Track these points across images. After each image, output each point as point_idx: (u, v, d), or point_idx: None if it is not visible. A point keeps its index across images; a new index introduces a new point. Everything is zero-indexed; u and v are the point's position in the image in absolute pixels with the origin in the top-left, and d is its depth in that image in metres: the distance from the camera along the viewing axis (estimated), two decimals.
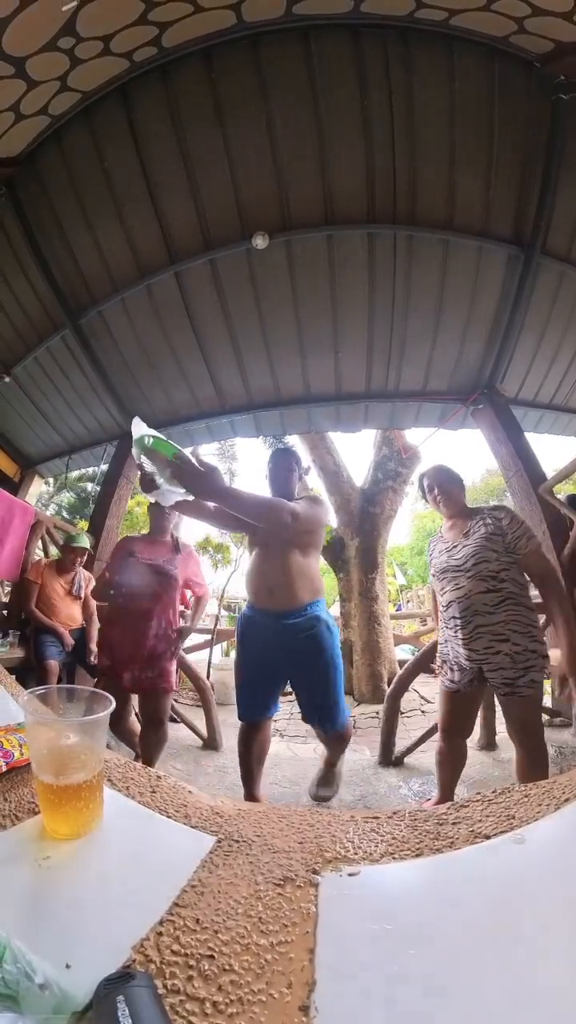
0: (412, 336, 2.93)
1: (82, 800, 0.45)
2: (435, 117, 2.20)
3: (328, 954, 0.33)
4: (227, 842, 0.47)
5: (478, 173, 2.36)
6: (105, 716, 0.48)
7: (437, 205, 2.46)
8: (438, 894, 0.39)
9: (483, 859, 0.42)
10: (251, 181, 2.42)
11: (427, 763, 2.25)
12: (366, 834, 0.49)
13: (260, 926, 0.36)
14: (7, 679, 0.88)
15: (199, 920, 0.36)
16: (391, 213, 2.47)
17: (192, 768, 2.25)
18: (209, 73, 2.11)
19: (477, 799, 0.54)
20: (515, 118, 2.21)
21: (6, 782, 0.52)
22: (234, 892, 0.39)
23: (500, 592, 1.37)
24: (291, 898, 0.39)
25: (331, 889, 0.40)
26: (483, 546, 1.40)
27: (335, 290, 2.75)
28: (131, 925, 0.34)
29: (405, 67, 2.09)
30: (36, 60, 1.82)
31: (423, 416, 3.47)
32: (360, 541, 4.69)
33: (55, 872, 0.39)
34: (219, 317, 2.91)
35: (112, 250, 2.74)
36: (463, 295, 2.75)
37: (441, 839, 0.46)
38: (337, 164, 2.35)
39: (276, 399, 3.36)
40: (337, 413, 3.47)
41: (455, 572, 1.46)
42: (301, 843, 0.47)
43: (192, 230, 2.60)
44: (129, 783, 0.57)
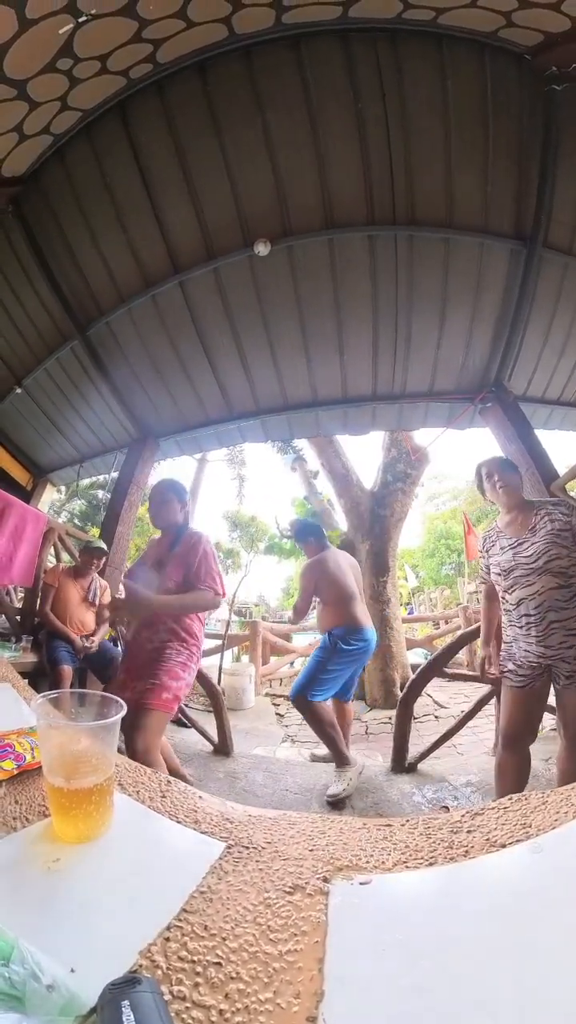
0: (417, 336, 2.93)
1: (92, 804, 0.45)
2: (429, 116, 2.22)
3: (338, 964, 0.32)
4: (237, 848, 0.46)
5: (475, 170, 2.35)
6: (116, 720, 0.49)
7: (436, 204, 2.46)
8: (452, 905, 0.38)
9: (499, 869, 0.41)
10: (251, 189, 2.46)
11: (441, 769, 2.21)
12: (378, 842, 0.48)
13: (269, 934, 0.35)
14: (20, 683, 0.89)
15: (207, 927, 0.35)
16: (390, 214, 2.48)
17: (203, 773, 2.25)
18: (204, 86, 2.17)
19: (492, 806, 0.52)
20: (509, 112, 2.21)
21: (17, 785, 0.53)
22: (243, 899, 0.39)
23: (571, 587, 1.36)
24: (301, 906, 0.38)
25: (342, 898, 0.39)
26: (553, 542, 1.37)
27: (338, 293, 2.76)
28: (138, 930, 0.34)
29: (396, 69, 2.11)
30: (37, 82, 1.90)
31: (431, 416, 3.45)
32: (371, 544, 4.66)
33: (64, 875, 0.39)
34: (224, 324, 2.96)
35: (117, 262, 2.82)
36: (467, 293, 2.74)
37: (455, 848, 0.45)
38: (335, 168, 2.37)
39: (283, 404, 3.38)
40: (344, 416, 3.48)
41: (525, 569, 1.40)
42: (312, 850, 0.47)
43: (195, 240, 2.65)
44: (139, 787, 0.57)
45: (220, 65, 2.11)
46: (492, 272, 2.66)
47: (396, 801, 1.94)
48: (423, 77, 2.12)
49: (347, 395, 3.29)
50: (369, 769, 2.24)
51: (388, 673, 4.23)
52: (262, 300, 2.83)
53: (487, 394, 3.06)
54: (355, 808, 1.87)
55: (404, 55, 2.07)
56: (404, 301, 2.76)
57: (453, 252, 2.60)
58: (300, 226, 2.54)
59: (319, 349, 3.04)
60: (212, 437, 3.77)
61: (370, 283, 2.71)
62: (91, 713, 0.53)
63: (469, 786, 2.00)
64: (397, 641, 4.42)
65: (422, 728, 3.02)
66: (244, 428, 3.62)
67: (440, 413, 3.39)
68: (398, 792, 2.01)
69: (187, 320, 2.96)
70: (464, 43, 2.03)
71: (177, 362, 3.20)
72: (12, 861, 0.40)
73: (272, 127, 2.26)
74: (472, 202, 2.45)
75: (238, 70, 2.12)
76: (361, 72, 2.11)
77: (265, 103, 2.20)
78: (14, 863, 0.40)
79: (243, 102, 2.20)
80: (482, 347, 2.97)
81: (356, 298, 2.78)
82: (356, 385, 3.23)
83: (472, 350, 2.99)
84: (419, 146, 2.29)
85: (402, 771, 2.21)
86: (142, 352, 3.20)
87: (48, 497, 4.82)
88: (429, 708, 3.56)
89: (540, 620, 1.37)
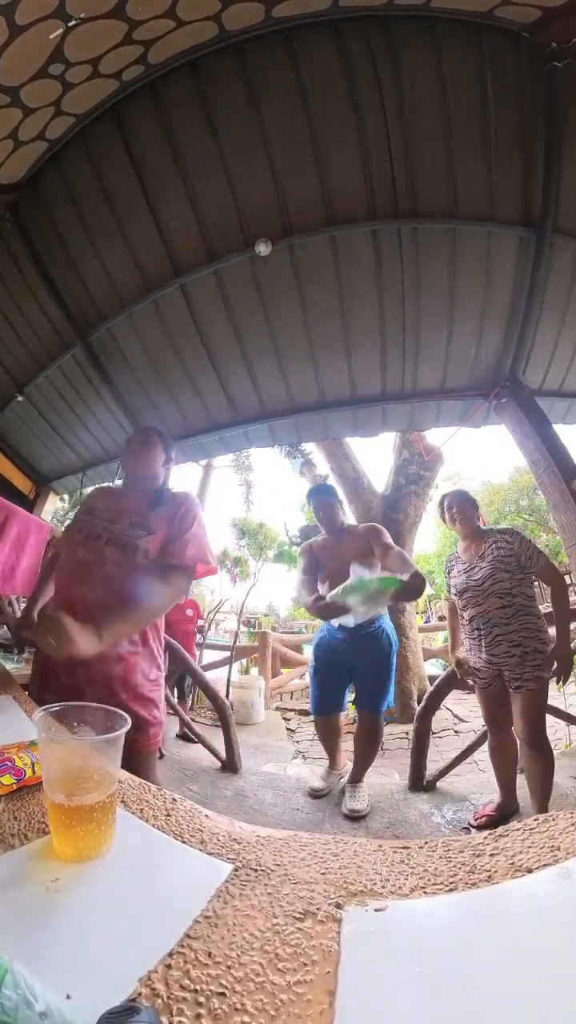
0: (426, 332, 2.91)
1: (94, 822, 0.45)
2: (427, 104, 2.21)
3: (350, 997, 0.31)
4: (244, 871, 0.46)
5: (478, 156, 2.34)
6: (120, 735, 0.49)
7: (439, 194, 2.45)
8: (474, 934, 0.36)
9: (525, 895, 0.40)
10: (249, 188, 2.49)
11: (462, 788, 2.16)
12: (395, 865, 0.46)
13: (277, 963, 0.34)
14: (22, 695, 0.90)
15: (211, 953, 0.35)
16: (393, 208, 2.48)
17: (209, 791, 2.23)
18: (197, 86, 2.21)
19: (517, 828, 0.51)
20: (510, 94, 2.19)
21: (17, 800, 0.53)
22: (250, 925, 0.38)
23: (512, 606, 1.69)
24: (311, 934, 0.37)
25: (356, 925, 0.38)
26: (497, 567, 1.71)
27: (343, 291, 2.77)
28: (139, 955, 0.34)
29: (391, 57, 2.11)
30: (29, 88, 1.96)
31: (443, 415, 3.42)
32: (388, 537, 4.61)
33: (63, 896, 0.39)
34: (227, 327, 2.99)
35: (117, 267, 2.88)
36: (475, 284, 2.71)
37: (477, 872, 0.44)
38: (333, 163, 2.39)
39: (290, 406, 3.39)
40: (353, 417, 3.47)
41: (475, 591, 1.75)
42: (324, 874, 0.46)
43: (194, 242, 2.69)
44: (143, 805, 0.57)
45: (212, 63, 2.15)
46: (501, 262, 2.63)
47: (414, 822, 1.90)
48: (418, 64, 2.13)
49: (355, 396, 3.29)
50: (385, 788, 2.20)
51: (404, 685, 4.16)
52: (265, 301, 2.86)
53: (501, 389, 3.02)
54: (370, 829, 1.83)
55: (398, 42, 2.08)
56: (411, 296, 2.75)
57: (459, 243, 2.58)
58: (301, 224, 2.56)
59: (325, 349, 3.05)
60: (217, 442, 3.79)
61: (375, 279, 2.72)
62: (94, 727, 0.53)
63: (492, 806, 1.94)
64: (413, 651, 4.35)
65: (441, 743, 2.96)
66: (250, 432, 3.64)
67: (453, 411, 3.36)
68: (416, 812, 1.97)
69: (189, 323, 3.01)
70: (459, 25, 2.03)
71: (180, 366, 3.25)
72: (9, 880, 0.40)
73: (268, 124, 2.29)
74: (476, 190, 2.43)
75: (231, 68, 2.16)
76: (355, 63, 2.13)
77: (260, 100, 2.24)
78: (11, 882, 0.40)
79: (237, 100, 2.24)
80: (494, 340, 2.94)
81: (361, 295, 2.78)
82: (365, 385, 3.23)
83: (484, 344, 2.96)
84: (418, 135, 2.29)
85: (420, 789, 2.16)
86: (144, 357, 3.26)
87: (51, 506, 4.90)
88: (448, 722, 3.48)
89: (487, 633, 1.72)
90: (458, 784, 2.20)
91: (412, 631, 4.48)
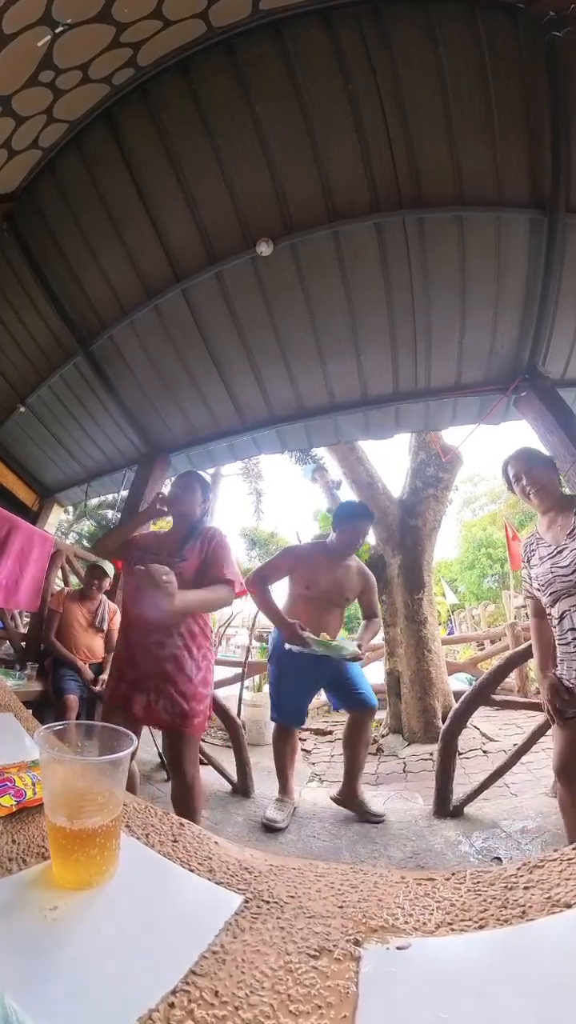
0: (438, 326, 2.90)
1: (96, 847, 0.44)
2: (425, 88, 2.23)
3: None
4: (256, 902, 0.45)
5: (481, 138, 2.33)
6: (126, 755, 0.49)
7: (443, 181, 2.45)
8: (506, 976, 0.35)
9: (562, 934, 0.38)
10: (247, 187, 2.55)
11: (491, 814, 2.08)
12: (419, 899, 0.45)
13: (289, 1005, 0.33)
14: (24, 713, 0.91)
15: (218, 993, 0.34)
16: (396, 198, 2.49)
17: (220, 816, 2.21)
18: (189, 85, 2.28)
19: (554, 858, 0.48)
20: (510, 70, 2.19)
21: (16, 822, 0.53)
22: (261, 962, 0.37)
23: None
24: (327, 973, 0.36)
25: (375, 965, 0.37)
26: None
27: (349, 288, 2.80)
28: (140, 993, 0.33)
29: (384, 43, 2.14)
30: (20, 96, 2.05)
31: (460, 413, 3.39)
32: (402, 558, 4.56)
33: (61, 925, 0.38)
34: (231, 330, 3.04)
35: (117, 273, 2.97)
36: (487, 273, 2.69)
37: (510, 907, 0.42)
38: (332, 156, 2.42)
39: (299, 411, 3.41)
40: (366, 419, 3.47)
41: (563, 581, 1.33)
42: (341, 907, 0.44)
43: (194, 245, 2.76)
44: (149, 830, 0.56)
45: (202, 62, 2.22)
46: (512, 247, 2.61)
47: (439, 851, 1.84)
48: (413, 47, 2.15)
49: (367, 397, 3.29)
50: (408, 814, 2.14)
51: (428, 702, 4.06)
52: (269, 302, 2.90)
53: (520, 382, 2.98)
54: (392, 859, 1.78)
55: (390, 26, 2.11)
56: (420, 289, 2.76)
57: (467, 230, 2.57)
58: (302, 221, 2.60)
59: (333, 349, 3.07)
60: (225, 450, 3.83)
61: (382, 274, 2.73)
62: (99, 747, 0.53)
63: (525, 834, 1.87)
64: (436, 665, 4.25)
65: (468, 765, 2.87)
66: (259, 439, 3.67)
67: (470, 408, 3.33)
68: (442, 840, 1.91)
69: (192, 328, 3.07)
70: (452, 3, 2.05)
71: (184, 372, 3.31)
72: (5, 907, 0.40)
73: (263, 120, 2.35)
74: (482, 173, 2.42)
75: (221, 65, 2.22)
76: (348, 51, 2.16)
77: (253, 96, 2.29)
78: (7, 909, 0.40)
79: (230, 97, 2.30)
80: (510, 331, 2.91)
81: (368, 292, 2.80)
82: (376, 385, 3.23)
83: (499, 335, 2.93)
84: (418, 121, 2.31)
85: (446, 816, 2.09)
86: (147, 364, 3.34)
87: (55, 518, 5.01)
88: (476, 742, 3.38)
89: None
90: (487, 809, 2.13)
91: (435, 643, 4.40)
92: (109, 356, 3.35)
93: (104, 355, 3.35)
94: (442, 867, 1.67)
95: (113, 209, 2.71)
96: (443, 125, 2.31)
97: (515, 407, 3.12)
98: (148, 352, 3.27)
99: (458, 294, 2.77)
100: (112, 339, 3.24)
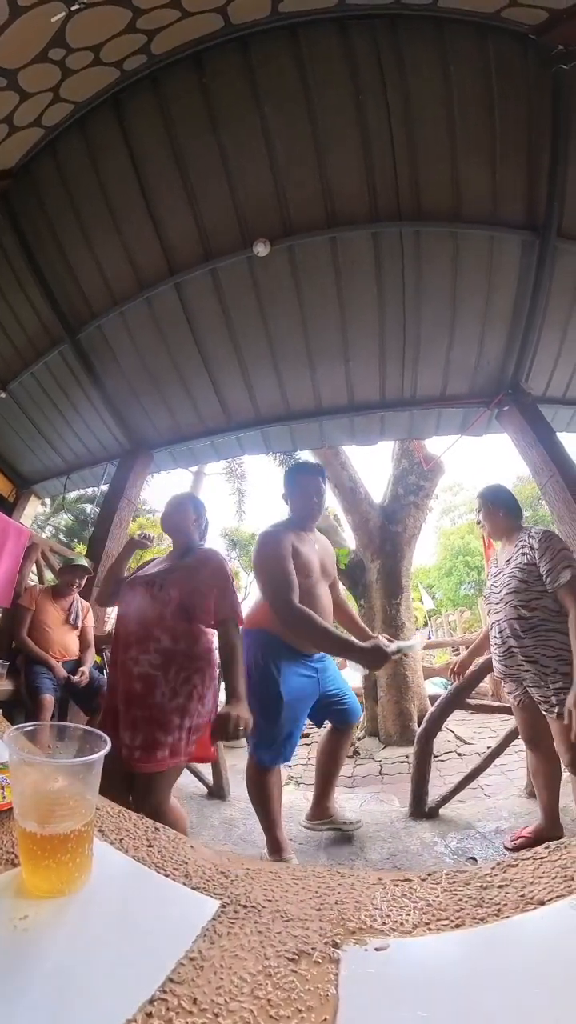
0: (427, 338, 2.98)
1: (68, 853, 0.43)
2: (432, 105, 2.30)
3: None
4: (233, 907, 0.44)
5: (482, 158, 2.42)
6: (99, 758, 0.47)
7: (442, 197, 2.52)
8: (483, 973, 0.35)
9: (537, 930, 0.39)
10: (249, 186, 2.55)
11: (466, 815, 2.12)
12: (396, 900, 0.45)
13: (269, 1010, 0.33)
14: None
15: (196, 1000, 0.33)
16: (395, 210, 2.55)
17: (195, 820, 2.17)
18: (200, 78, 2.27)
19: (527, 857, 0.50)
20: (515, 96, 2.28)
21: None
22: (239, 968, 0.36)
23: (529, 620, 1.58)
24: (307, 976, 0.36)
25: (354, 966, 0.37)
26: (514, 576, 1.62)
27: (342, 295, 2.83)
28: (116, 1002, 0.32)
29: (396, 56, 2.19)
30: (28, 72, 1.99)
31: (444, 423, 3.48)
32: (381, 563, 4.62)
33: (33, 935, 0.37)
34: (222, 328, 3.03)
35: (110, 262, 2.91)
36: (478, 289, 2.78)
37: (485, 906, 0.42)
38: (336, 163, 2.46)
39: (285, 413, 3.42)
40: (351, 425, 3.51)
41: (494, 598, 1.71)
42: (319, 910, 0.44)
43: (191, 239, 2.74)
44: (123, 835, 0.55)
45: (216, 57, 2.22)
46: (504, 266, 2.71)
47: (415, 852, 1.85)
48: (425, 64, 2.21)
49: (353, 403, 3.33)
50: (384, 815, 2.16)
51: (404, 706, 4.12)
52: (262, 303, 2.90)
53: (504, 397, 3.08)
54: (368, 860, 1.79)
55: (404, 42, 2.17)
56: (412, 301, 2.82)
57: (462, 247, 2.66)
58: (301, 225, 2.62)
59: (323, 354, 3.09)
60: (209, 448, 3.81)
61: (375, 283, 2.78)
62: (72, 749, 0.51)
63: (499, 833, 1.91)
64: (413, 670, 4.32)
65: (443, 767, 2.92)
66: (243, 439, 3.66)
67: (453, 419, 3.42)
68: (418, 841, 1.93)
69: (183, 324, 3.04)
70: (466, 26, 2.12)
71: (172, 368, 3.27)
72: None
73: (270, 121, 2.36)
74: (480, 193, 2.51)
75: (235, 62, 2.22)
76: (361, 61, 2.21)
77: (263, 96, 2.30)
78: None
79: (241, 95, 2.31)
80: (496, 347, 3.02)
81: (361, 299, 2.85)
82: (363, 392, 3.28)
83: (486, 350, 3.03)
84: (423, 136, 2.37)
85: (421, 817, 2.12)
86: (135, 357, 3.28)
87: (32, 510, 4.85)
88: (451, 745, 3.45)
89: (502, 644, 1.65)
90: (462, 811, 2.16)
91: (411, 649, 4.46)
92: (97, 346, 3.28)
93: (92, 345, 3.27)
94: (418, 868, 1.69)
95: (112, 196, 2.66)
96: (447, 142, 2.38)
97: (497, 420, 3.23)
98: (137, 345, 3.21)
99: (448, 308, 2.85)
100: (101, 329, 3.18)
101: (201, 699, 1.32)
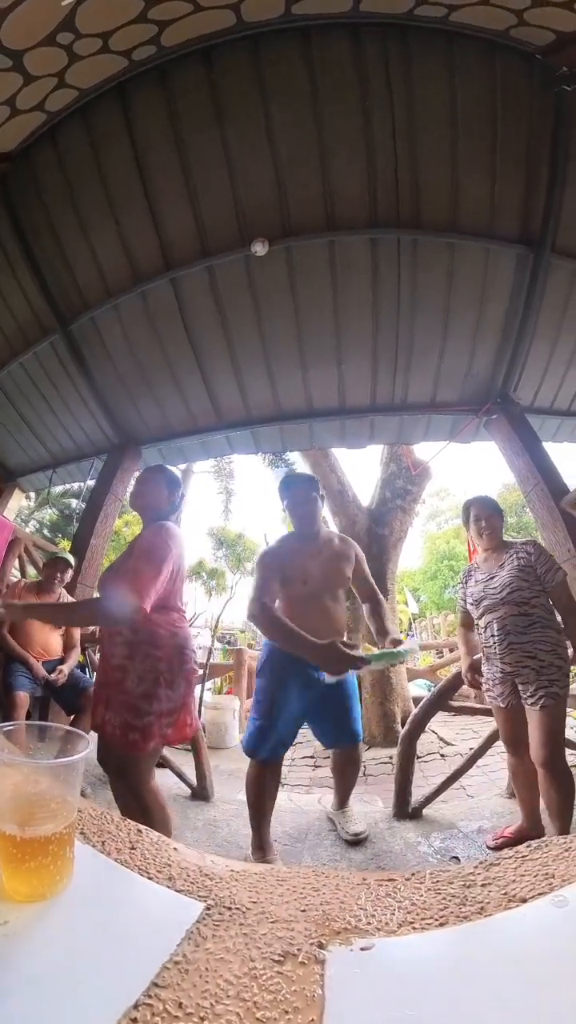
0: (419, 345, 3.02)
1: (49, 856, 0.42)
2: (437, 116, 2.34)
3: None
4: (217, 909, 0.44)
5: (482, 171, 2.47)
6: (81, 759, 0.46)
7: (441, 207, 2.57)
8: (468, 970, 0.36)
9: (520, 927, 0.39)
10: (250, 185, 2.55)
11: (449, 815, 2.15)
12: (380, 900, 0.46)
13: (255, 1012, 0.32)
14: None
15: (182, 1004, 0.33)
16: (394, 217, 2.58)
17: (179, 821, 2.15)
18: (209, 74, 2.26)
19: (509, 856, 0.51)
20: (518, 113, 2.34)
21: None
22: (224, 970, 0.36)
23: (530, 616, 1.71)
24: (293, 978, 0.36)
25: (340, 966, 0.37)
26: (516, 577, 1.74)
27: (337, 298, 2.85)
28: (100, 1008, 0.31)
29: (405, 66, 2.23)
30: (34, 54, 1.94)
31: (433, 429, 3.53)
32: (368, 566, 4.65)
33: (12, 940, 0.36)
34: (216, 327, 3.01)
35: (106, 253, 2.87)
36: (471, 300, 2.84)
37: (469, 904, 0.43)
38: (338, 167, 2.48)
39: (276, 413, 3.42)
40: (341, 428, 3.53)
41: (492, 599, 1.78)
42: (304, 911, 0.44)
43: (189, 235, 2.72)
44: (105, 837, 0.54)
45: (226, 53, 2.21)
46: (498, 278, 2.78)
47: (399, 852, 1.87)
48: (432, 75, 2.25)
49: (344, 406, 3.35)
50: (368, 816, 2.17)
51: (388, 707, 4.16)
52: (257, 302, 2.90)
53: (492, 405, 3.14)
54: (352, 861, 1.80)
55: (414, 52, 2.20)
56: (406, 307, 2.86)
57: (458, 257, 2.70)
58: (300, 226, 2.63)
59: (316, 357, 3.11)
60: (198, 447, 3.78)
61: (371, 288, 2.81)
62: (52, 749, 0.50)
63: (482, 833, 1.95)
64: (397, 672, 4.36)
65: (427, 768, 2.95)
66: (233, 438, 3.65)
67: (442, 426, 3.47)
68: (401, 842, 1.94)
69: (177, 320, 3.01)
70: (475, 42, 2.17)
71: (164, 364, 3.23)
72: None
73: (276, 121, 2.36)
74: (478, 205, 2.56)
75: (244, 60, 2.22)
76: (370, 68, 2.23)
77: (270, 96, 2.31)
78: None
79: (248, 93, 2.30)
80: (487, 357, 3.08)
81: (356, 304, 2.87)
82: (354, 395, 3.30)
83: (476, 360, 3.09)
84: (425, 146, 2.41)
85: (405, 817, 2.14)
86: (127, 351, 3.23)
87: (16, 504, 4.74)
88: (434, 746, 3.49)
89: (502, 640, 1.74)
90: (445, 811, 2.19)
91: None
92: (88, 338, 3.22)
93: (83, 337, 3.21)
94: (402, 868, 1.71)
95: (111, 187, 2.62)
96: (448, 153, 2.43)
97: (485, 428, 3.29)
98: (129, 339, 3.17)
99: (442, 316, 2.90)
100: (94, 321, 3.12)
101: (169, 684, 1.33)
